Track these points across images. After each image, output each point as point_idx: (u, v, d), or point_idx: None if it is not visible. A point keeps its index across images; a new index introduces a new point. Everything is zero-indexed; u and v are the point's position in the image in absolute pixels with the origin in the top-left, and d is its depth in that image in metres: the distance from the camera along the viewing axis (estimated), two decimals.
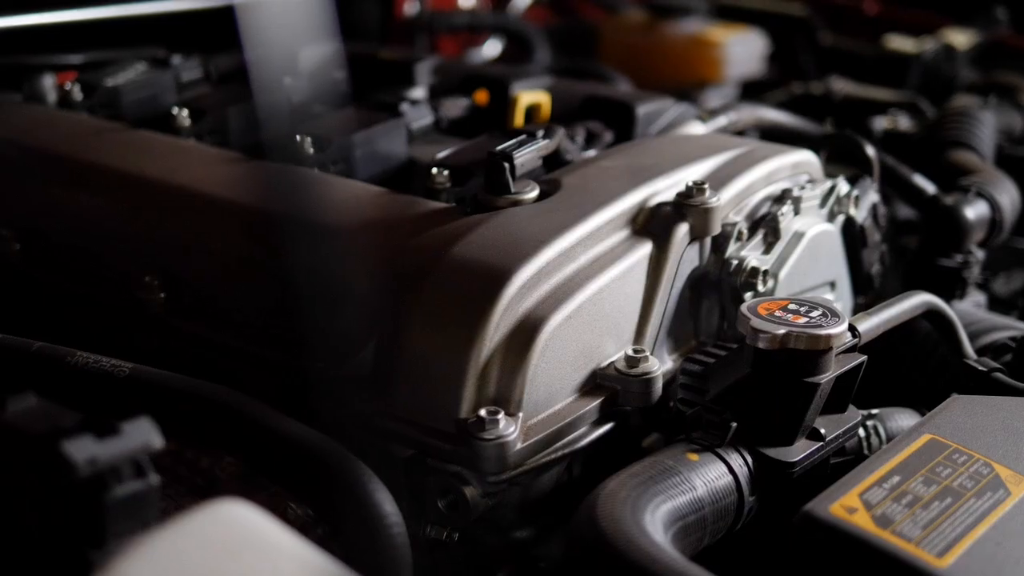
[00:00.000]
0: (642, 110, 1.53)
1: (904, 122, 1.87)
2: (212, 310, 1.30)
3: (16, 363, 1.16)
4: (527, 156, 1.26)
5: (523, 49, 2.16)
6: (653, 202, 1.26)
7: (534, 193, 1.25)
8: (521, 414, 1.11)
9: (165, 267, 1.33)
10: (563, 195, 1.25)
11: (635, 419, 1.21)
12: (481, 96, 1.63)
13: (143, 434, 0.86)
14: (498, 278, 1.12)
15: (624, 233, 1.22)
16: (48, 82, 1.77)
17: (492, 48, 2.25)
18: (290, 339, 1.24)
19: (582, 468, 1.20)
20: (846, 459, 1.20)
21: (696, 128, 1.51)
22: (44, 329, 1.27)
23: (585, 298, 1.16)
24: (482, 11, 2.27)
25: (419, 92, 1.62)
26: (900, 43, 2.19)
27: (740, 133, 1.57)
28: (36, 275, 1.43)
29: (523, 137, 1.30)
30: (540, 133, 1.40)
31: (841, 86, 1.97)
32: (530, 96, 1.55)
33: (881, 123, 1.85)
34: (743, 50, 2.16)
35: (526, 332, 1.12)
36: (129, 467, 0.85)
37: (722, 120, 1.54)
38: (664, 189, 1.27)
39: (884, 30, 2.37)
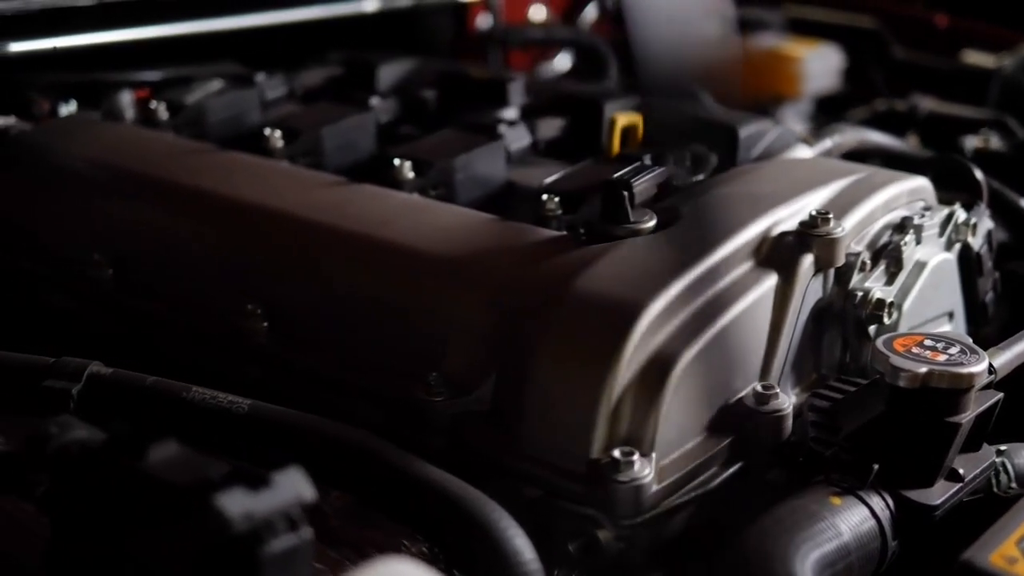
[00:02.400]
0: (744, 132, 1.49)
1: (995, 141, 1.83)
2: (317, 340, 1.27)
3: (131, 399, 1.13)
4: (645, 184, 1.22)
5: (594, 64, 2.12)
6: (775, 232, 1.22)
7: (652, 222, 1.22)
8: (654, 454, 1.07)
9: (267, 295, 1.29)
10: (684, 225, 1.21)
11: (762, 456, 1.17)
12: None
13: (295, 485, 0.83)
14: (629, 312, 1.09)
15: (748, 265, 1.19)
16: (126, 99, 1.74)
17: (562, 62, 2.21)
18: (401, 372, 1.21)
19: (710, 508, 1.16)
20: (976, 497, 1.16)
21: (803, 152, 1.47)
22: (136, 359, 1.24)
23: (715, 333, 1.12)
24: (554, 25, 2.24)
25: (511, 112, 1.58)
26: (978, 58, 2.15)
27: (846, 156, 1.53)
28: (129, 302, 1.39)
29: (639, 164, 1.26)
30: (648, 158, 1.37)
31: (927, 103, 1.94)
32: (626, 118, 1.51)
33: (972, 142, 1.81)
34: (820, 65, 2.13)
35: (658, 369, 1.08)
36: (282, 520, 0.82)
37: (827, 143, 1.50)
38: (786, 218, 1.23)
39: (954, 43, 2.33)
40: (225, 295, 1.32)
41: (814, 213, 1.21)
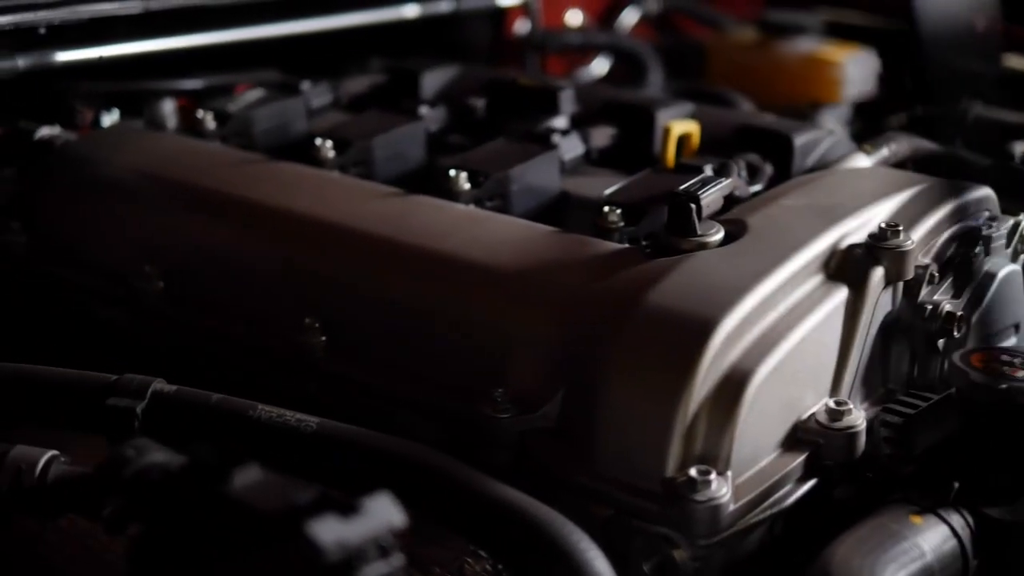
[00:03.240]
0: (799, 141, 1.48)
1: None
2: (377, 355, 1.25)
3: (196, 417, 1.11)
4: (713, 196, 1.21)
5: (633, 69, 2.11)
6: (844, 244, 1.20)
7: (719, 235, 1.20)
8: (729, 473, 1.05)
9: (326, 309, 1.27)
10: (752, 238, 1.19)
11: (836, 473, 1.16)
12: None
13: (386, 511, 0.81)
14: (703, 328, 1.07)
15: (818, 278, 1.17)
16: (168, 107, 1.73)
17: (599, 66, 2.19)
18: (464, 387, 1.19)
19: (783, 525, 1.14)
20: None
21: (862, 161, 1.45)
22: (187, 373, 1.22)
23: (788, 348, 1.10)
24: (593, 30, 2.22)
25: (561, 121, 1.56)
26: (1020, 62, 2.13)
27: (900, 165, 1.51)
28: (180, 315, 1.38)
29: (704, 176, 1.24)
30: (709, 168, 1.35)
31: (975, 108, 1.91)
32: (681, 126, 1.50)
33: (1021, 148, 1.78)
34: (859, 69, 2.11)
35: (733, 385, 1.06)
36: (374, 548, 0.80)
37: (884, 152, 1.48)
38: (854, 230, 1.21)
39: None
40: (282, 309, 1.30)
41: (883, 225, 1.19)
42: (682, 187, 1.21)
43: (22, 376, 1.15)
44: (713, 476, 1.03)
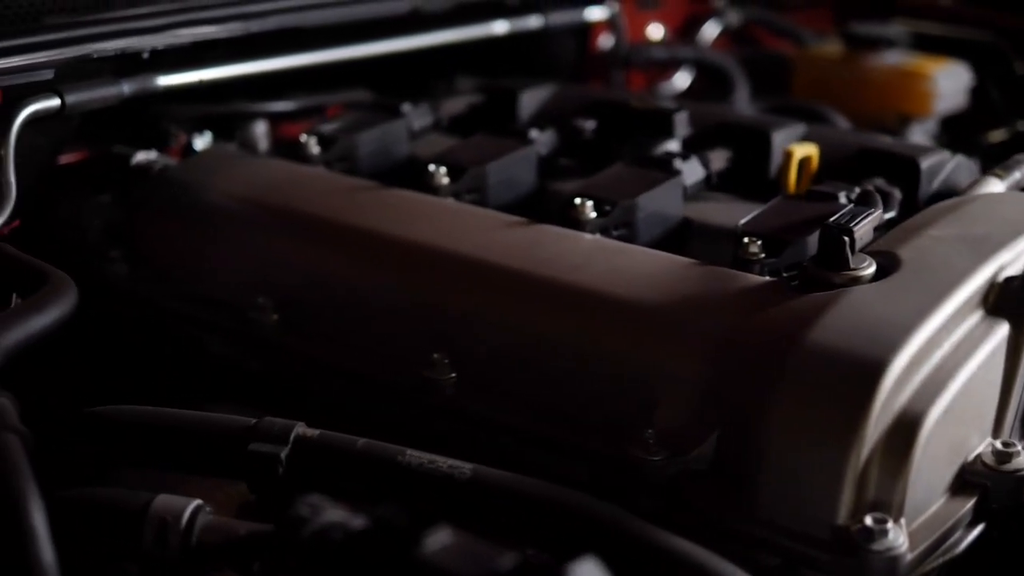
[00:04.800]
0: (925, 164, 1.43)
1: None
2: (511, 392, 1.21)
3: (341, 463, 1.07)
4: (865, 228, 1.16)
5: (718, 83, 2.06)
6: (1001, 277, 1.15)
7: (871, 269, 1.15)
8: (903, 520, 1.01)
9: (455, 344, 1.23)
10: (908, 272, 1.15)
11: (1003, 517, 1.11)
12: None
13: None
14: (872, 369, 1.02)
15: (979, 314, 1.12)
16: (260, 129, 1.69)
17: (682, 81, 2.14)
18: (610, 428, 1.15)
19: (951, 573, 1.10)
20: None
21: (995, 186, 1.40)
22: (305, 411, 1.19)
23: (957, 388, 1.06)
24: (677, 44, 2.17)
25: (674, 144, 1.52)
26: None
27: None
28: (296, 348, 1.33)
29: (854, 207, 1.20)
30: (842, 195, 1.31)
31: None
32: (802, 149, 1.45)
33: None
34: (951, 83, 2.06)
35: (906, 429, 1.02)
36: None
37: (1016, 175, 1.43)
38: (1008, 262, 1.17)
39: None
40: (407, 343, 1.26)
41: None
42: (833, 218, 1.17)
43: (156, 419, 1.11)
44: (890, 524, 0.99)
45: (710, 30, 2.24)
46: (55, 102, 1.35)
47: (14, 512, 0.87)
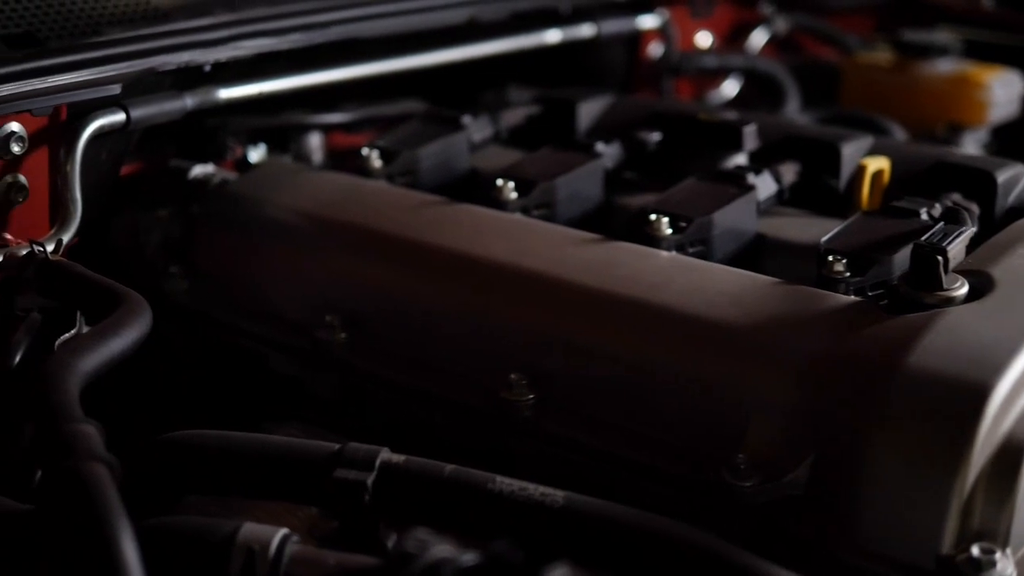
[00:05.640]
0: (1002, 177, 1.40)
1: None
2: (593, 414, 1.18)
3: (429, 490, 1.04)
4: (958, 248, 1.14)
5: (769, 92, 2.03)
6: None
7: (964, 289, 1.12)
8: (1009, 550, 0.99)
9: (534, 365, 1.21)
10: (1004, 292, 1.12)
11: None
12: None
13: None
14: (976, 394, 1.00)
15: None
16: (315, 141, 1.67)
17: (730, 89, 2.12)
18: (697, 451, 1.12)
19: None
20: None
21: None
22: (373, 432, 1.16)
23: None
24: (727, 52, 2.15)
25: (741, 157, 1.49)
26: None
27: None
28: (366, 368, 1.31)
29: (946, 226, 1.18)
30: (925, 211, 1.28)
31: None
32: (875, 163, 1.43)
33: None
34: (1006, 91, 2.03)
35: (1011, 455, 1.00)
36: None
37: None
38: None
39: None
40: (483, 363, 1.24)
41: None
42: (924, 237, 1.14)
43: (236, 445, 1.08)
44: (997, 555, 0.96)
45: (758, 37, 2.21)
46: (120, 117, 1.32)
47: (107, 547, 0.84)
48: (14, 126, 1.26)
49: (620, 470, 1.16)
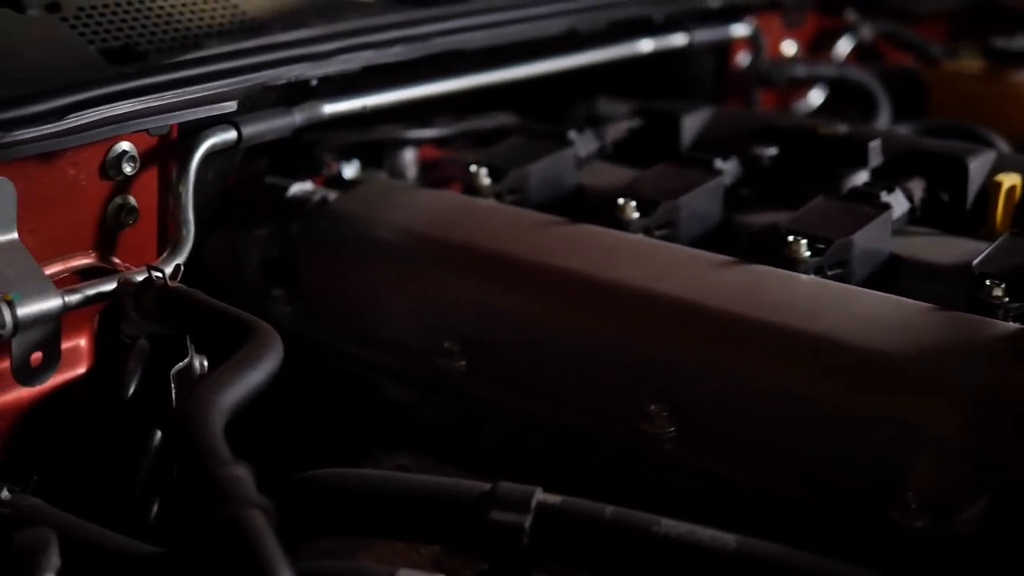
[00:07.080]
0: None
1: None
2: (741, 448, 1.13)
3: (589, 532, 0.98)
4: None
5: (859, 102, 1.98)
6: None
7: None
8: None
9: (675, 395, 1.15)
10: None
11: None
12: None
13: None
14: None
15: None
16: (409, 157, 1.61)
17: (816, 98, 2.06)
18: (857, 488, 1.07)
19: None
20: None
21: None
22: (486, 461, 1.11)
23: None
24: (816, 61, 2.09)
25: (864, 174, 1.43)
26: None
27: None
28: (489, 398, 1.25)
29: None
30: None
31: None
32: (1009, 179, 1.37)
33: None
34: None
35: None
36: None
37: None
38: None
39: None
40: (619, 394, 1.18)
41: None
42: None
43: (380, 485, 1.02)
44: None
45: (843, 45, 2.16)
46: (232, 135, 1.27)
47: None
48: (125, 145, 1.20)
49: (770, 507, 1.10)
